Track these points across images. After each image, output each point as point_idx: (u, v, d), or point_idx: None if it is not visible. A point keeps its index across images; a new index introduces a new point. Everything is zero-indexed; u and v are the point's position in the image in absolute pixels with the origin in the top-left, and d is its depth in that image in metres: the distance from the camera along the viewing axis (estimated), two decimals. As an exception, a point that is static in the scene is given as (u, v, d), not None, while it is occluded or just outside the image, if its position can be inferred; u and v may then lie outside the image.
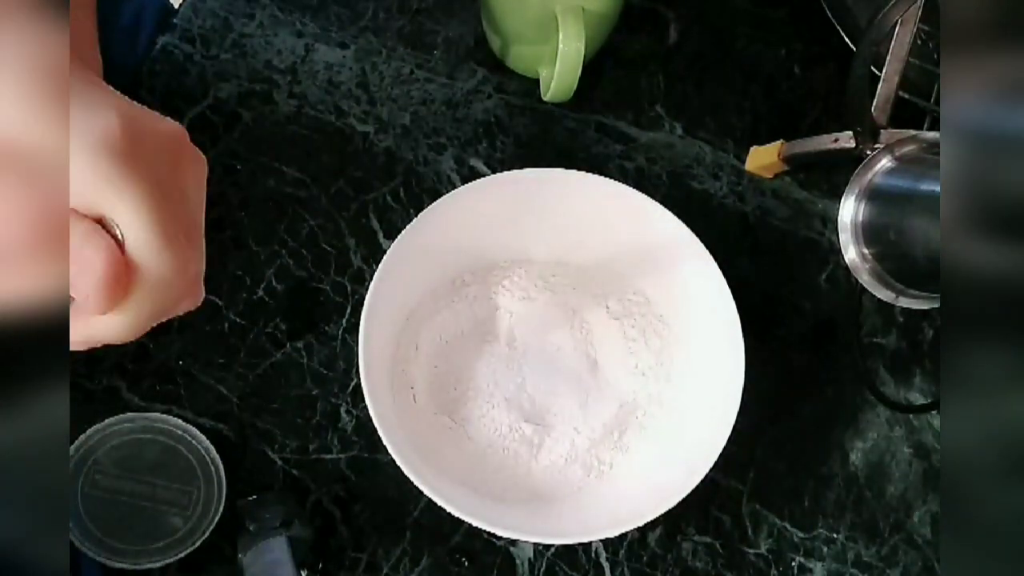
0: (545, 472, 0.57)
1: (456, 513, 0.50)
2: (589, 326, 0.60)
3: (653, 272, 0.60)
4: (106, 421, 0.59)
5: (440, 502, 0.50)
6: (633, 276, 0.60)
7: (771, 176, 0.71)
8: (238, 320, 0.62)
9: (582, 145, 0.69)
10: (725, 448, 0.54)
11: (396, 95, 0.69)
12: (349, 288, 0.63)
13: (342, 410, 0.61)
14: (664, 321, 0.60)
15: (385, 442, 0.50)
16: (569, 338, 0.60)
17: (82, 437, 0.58)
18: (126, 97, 0.35)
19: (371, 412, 0.50)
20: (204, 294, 0.36)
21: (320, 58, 0.69)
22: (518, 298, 0.60)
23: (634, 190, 0.58)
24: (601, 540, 0.61)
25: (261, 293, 0.63)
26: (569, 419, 0.58)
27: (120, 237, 0.33)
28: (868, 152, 0.60)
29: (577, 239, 0.60)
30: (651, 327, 0.60)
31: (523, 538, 0.57)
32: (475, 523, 0.51)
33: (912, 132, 0.59)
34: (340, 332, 0.63)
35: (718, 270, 0.57)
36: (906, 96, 0.63)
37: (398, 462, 0.50)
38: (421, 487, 0.50)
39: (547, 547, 0.61)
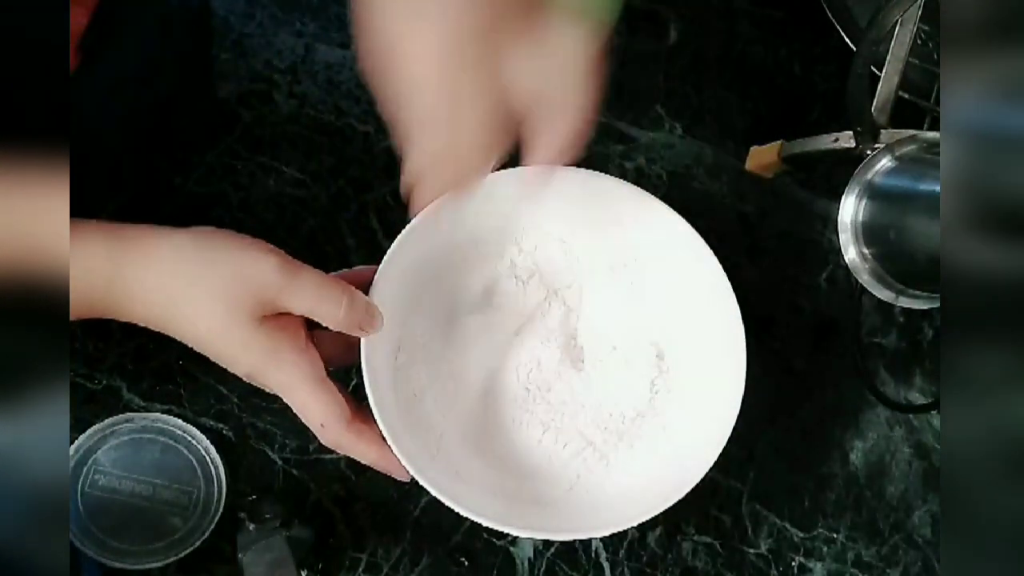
0: (547, 470, 0.57)
1: (463, 512, 0.50)
2: (590, 325, 0.60)
3: (654, 270, 0.60)
4: (106, 421, 0.59)
5: (446, 500, 0.50)
6: (634, 274, 0.60)
7: (771, 176, 0.71)
8: (238, 320, 0.62)
9: (582, 145, 0.69)
10: (725, 448, 0.54)
11: (396, 95, 0.69)
12: (349, 288, 0.63)
13: (342, 410, 0.61)
14: (665, 320, 0.60)
15: (389, 441, 0.50)
16: (570, 337, 0.60)
17: (82, 437, 0.58)
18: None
19: (374, 412, 0.50)
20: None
21: (320, 58, 0.69)
22: (520, 296, 0.60)
23: (636, 187, 0.58)
24: (601, 539, 0.61)
25: (261, 293, 0.63)
26: (570, 417, 0.58)
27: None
28: (868, 152, 0.60)
29: (578, 237, 0.60)
30: (652, 326, 0.60)
31: (526, 535, 0.56)
32: (482, 521, 0.51)
33: (912, 132, 0.59)
34: (340, 332, 0.63)
35: (720, 268, 0.57)
36: (906, 96, 0.63)
37: (402, 461, 0.50)
38: (427, 486, 0.50)
39: (547, 546, 0.61)
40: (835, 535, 0.65)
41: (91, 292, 0.47)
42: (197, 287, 0.47)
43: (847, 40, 0.69)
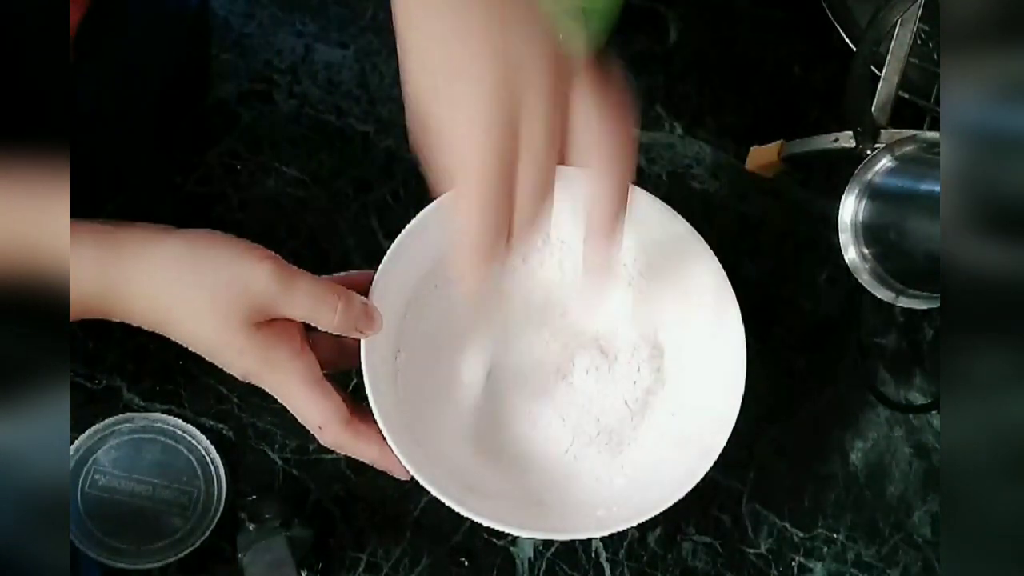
0: (546, 470, 0.57)
1: (463, 511, 0.50)
2: (589, 325, 0.60)
3: (655, 269, 0.60)
4: (106, 421, 0.59)
5: (446, 500, 0.50)
6: (634, 274, 0.60)
7: (771, 176, 0.71)
8: (238, 320, 0.62)
9: (582, 145, 0.69)
10: (725, 448, 0.54)
11: (396, 95, 0.69)
12: (349, 288, 0.63)
13: (342, 410, 0.61)
14: (665, 319, 0.60)
15: (389, 442, 0.50)
16: (570, 337, 0.60)
17: (82, 437, 0.58)
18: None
19: (374, 412, 0.50)
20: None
21: (320, 58, 0.69)
22: (518, 295, 0.60)
23: (636, 187, 0.58)
24: (601, 539, 0.61)
25: (261, 293, 0.63)
26: (570, 418, 0.58)
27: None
28: (868, 152, 0.60)
29: (578, 236, 0.60)
30: (652, 326, 0.60)
31: (526, 535, 0.57)
32: (482, 521, 0.51)
33: (912, 132, 0.59)
34: (340, 332, 0.63)
35: (720, 268, 0.57)
36: (906, 96, 0.63)
37: (402, 461, 0.50)
38: (426, 486, 0.50)
39: (547, 547, 0.61)
40: (835, 535, 0.65)
41: (85, 295, 0.47)
42: (192, 293, 0.47)
43: (847, 40, 0.69)
